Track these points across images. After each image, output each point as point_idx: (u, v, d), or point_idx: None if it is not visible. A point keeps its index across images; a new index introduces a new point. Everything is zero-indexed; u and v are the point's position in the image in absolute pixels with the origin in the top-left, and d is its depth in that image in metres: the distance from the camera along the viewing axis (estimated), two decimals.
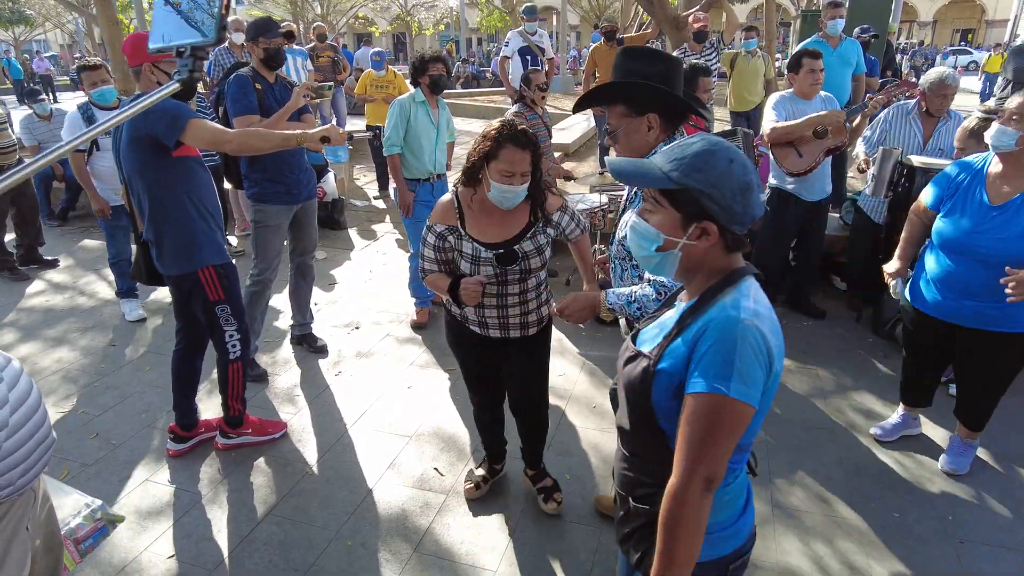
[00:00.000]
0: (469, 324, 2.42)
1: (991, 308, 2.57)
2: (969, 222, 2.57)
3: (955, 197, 2.65)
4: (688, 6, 7.85)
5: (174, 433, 3.11)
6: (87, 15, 12.41)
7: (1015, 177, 2.52)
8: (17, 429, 1.37)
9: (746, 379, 1.15)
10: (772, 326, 1.22)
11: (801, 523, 2.65)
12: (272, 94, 3.54)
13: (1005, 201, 2.51)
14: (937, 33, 38.76)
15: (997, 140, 2.51)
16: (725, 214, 1.20)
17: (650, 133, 1.87)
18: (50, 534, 1.78)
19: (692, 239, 1.23)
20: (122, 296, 4.71)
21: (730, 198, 1.20)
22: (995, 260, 2.49)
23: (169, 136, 2.54)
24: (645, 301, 1.83)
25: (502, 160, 2.10)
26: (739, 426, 1.18)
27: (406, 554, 2.51)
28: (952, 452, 2.98)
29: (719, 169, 1.20)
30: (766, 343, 1.18)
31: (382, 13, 37.68)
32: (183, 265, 2.80)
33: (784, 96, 3.99)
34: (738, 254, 1.28)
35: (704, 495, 1.19)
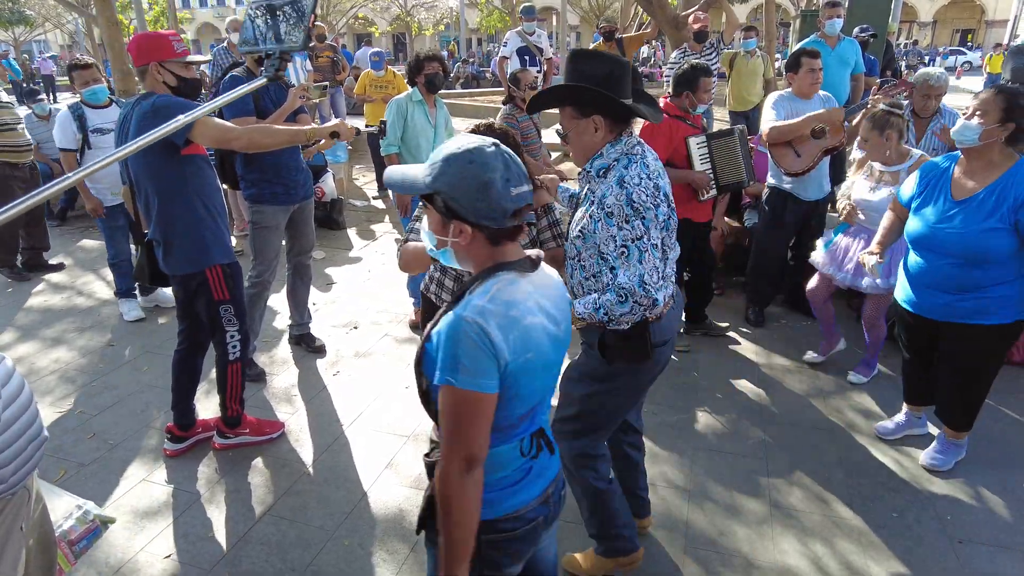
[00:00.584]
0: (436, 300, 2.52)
1: (961, 300, 2.61)
2: (933, 217, 2.62)
3: (923, 193, 2.70)
4: (687, 6, 7.85)
5: (171, 433, 3.10)
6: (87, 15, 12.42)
7: (979, 172, 2.56)
8: (8, 426, 1.37)
9: (471, 370, 1.24)
10: (503, 320, 1.28)
11: (800, 523, 2.64)
12: (267, 95, 3.50)
13: (967, 196, 2.54)
14: (937, 33, 38.79)
15: (960, 135, 2.54)
16: (472, 212, 1.29)
17: (596, 134, 1.91)
18: (44, 533, 1.78)
19: (454, 236, 1.33)
20: (121, 296, 4.69)
21: (472, 197, 1.28)
22: (957, 254, 2.55)
23: (178, 134, 2.54)
24: (609, 306, 1.84)
25: None
26: (478, 411, 1.27)
27: (403, 554, 2.50)
28: (935, 449, 2.99)
29: (458, 171, 1.28)
30: (488, 337, 1.25)
31: (382, 13, 37.71)
32: (191, 264, 2.79)
33: (783, 96, 3.98)
34: (509, 245, 1.36)
35: (464, 475, 1.27)
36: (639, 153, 1.91)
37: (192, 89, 2.76)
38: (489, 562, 1.41)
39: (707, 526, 2.63)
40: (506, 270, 1.34)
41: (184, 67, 2.71)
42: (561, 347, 1.46)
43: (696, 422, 3.32)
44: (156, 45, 2.67)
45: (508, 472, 1.42)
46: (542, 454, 1.48)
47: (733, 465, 2.99)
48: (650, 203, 1.84)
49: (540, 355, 1.36)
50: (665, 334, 2.02)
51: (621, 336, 1.93)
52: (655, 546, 2.52)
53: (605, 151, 1.92)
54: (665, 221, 1.90)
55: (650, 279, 1.82)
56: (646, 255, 1.82)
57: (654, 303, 1.83)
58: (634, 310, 1.83)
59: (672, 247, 1.98)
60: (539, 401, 1.43)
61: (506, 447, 1.40)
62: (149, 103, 2.58)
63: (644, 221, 1.82)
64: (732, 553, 2.50)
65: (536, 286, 1.39)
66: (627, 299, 1.82)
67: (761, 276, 4.33)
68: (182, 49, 2.70)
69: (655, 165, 1.93)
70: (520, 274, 1.36)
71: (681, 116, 3.70)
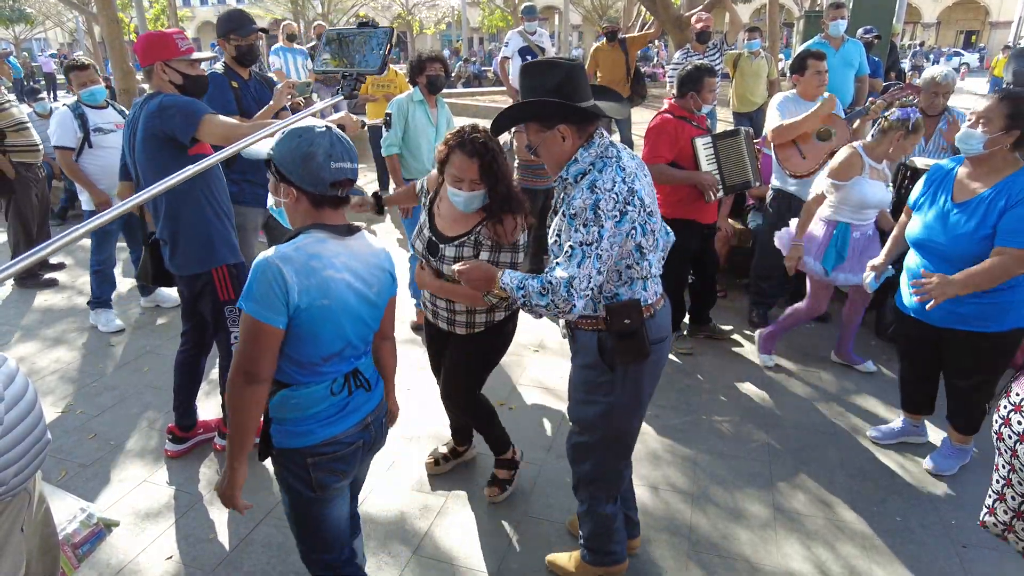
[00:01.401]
0: (425, 308, 2.63)
1: (962, 307, 2.58)
2: (931, 220, 2.62)
3: (927, 195, 2.70)
4: (691, 6, 7.84)
5: (173, 434, 3.09)
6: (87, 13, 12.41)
7: (982, 176, 2.55)
8: (11, 428, 1.36)
9: (260, 301, 1.52)
10: (302, 267, 1.55)
11: (803, 527, 2.63)
12: (248, 92, 3.46)
13: (967, 199, 2.53)
14: (941, 34, 38.73)
15: (964, 143, 2.52)
16: (296, 179, 1.60)
17: (566, 143, 1.87)
18: (47, 535, 1.77)
19: (284, 197, 1.64)
20: (96, 307, 4.48)
21: (295, 167, 1.59)
22: (954, 258, 2.53)
23: (184, 133, 2.53)
24: (531, 291, 1.81)
25: (451, 166, 2.28)
26: (260, 338, 1.54)
27: (405, 556, 2.49)
28: (940, 453, 2.98)
29: (288, 144, 1.59)
30: (283, 278, 1.52)
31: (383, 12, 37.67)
32: (198, 264, 2.79)
33: (788, 97, 3.97)
34: (329, 211, 1.66)
35: (244, 387, 1.56)
36: (614, 155, 1.88)
37: (198, 87, 2.75)
38: (318, 479, 1.71)
39: (710, 530, 2.62)
40: (319, 230, 1.62)
41: (189, 65, 2.69)
42: (372, 308, 1.74)
43: (699, 425, 3.31)
44: (160, 44, 2.65)
45: (322, 408, 1.68)
46: (357, 392, 1.76)
47: (736, 468, 2.98)
48: (615, 211, 1.78)
49: (341, 305, 1.62)
50: (660, 331, 2.02)
51: (618, 336, 1.92)
52: (658, 549, 2.52)
53: (579, 156, 1.88)
54: (640, 226, 1.85)
55: (579, 285, 1.76)
56: (587, 261, 1.77)
57: (571, 308, 1.78)
58: (549, 307, 1.79)
59: (652, 249, 1.93)
60: (347, 346, 1.68)
61: (317, 387, 1.67)
62: (155, 102, 2.57)
63: (601, 230, 1.77)
64: (735, 557, 2.49)
65: (350, 249, 1.66)
66: (548, 294, 1.78)
67: (765, 278, 4.32)
68: (187, 47, 2.68)
69: (632, 166, 1.89)
70: (332, 236, 1.63)
71: (686, 117, 3.67)
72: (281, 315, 1.53)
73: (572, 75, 1.85)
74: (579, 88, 1.86)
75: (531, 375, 3.82)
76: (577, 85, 1.86)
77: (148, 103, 2.61)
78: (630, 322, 1.90)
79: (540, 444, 3.16)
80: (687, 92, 3.65)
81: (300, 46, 8.32)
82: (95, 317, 4.49)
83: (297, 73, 7.86)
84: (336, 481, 1.76)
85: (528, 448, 3.11)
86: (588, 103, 1.87)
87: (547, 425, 3.33)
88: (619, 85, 6.94)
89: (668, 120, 3.65)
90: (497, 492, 2.78)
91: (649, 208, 1.89)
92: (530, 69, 1.90)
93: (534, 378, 3.78)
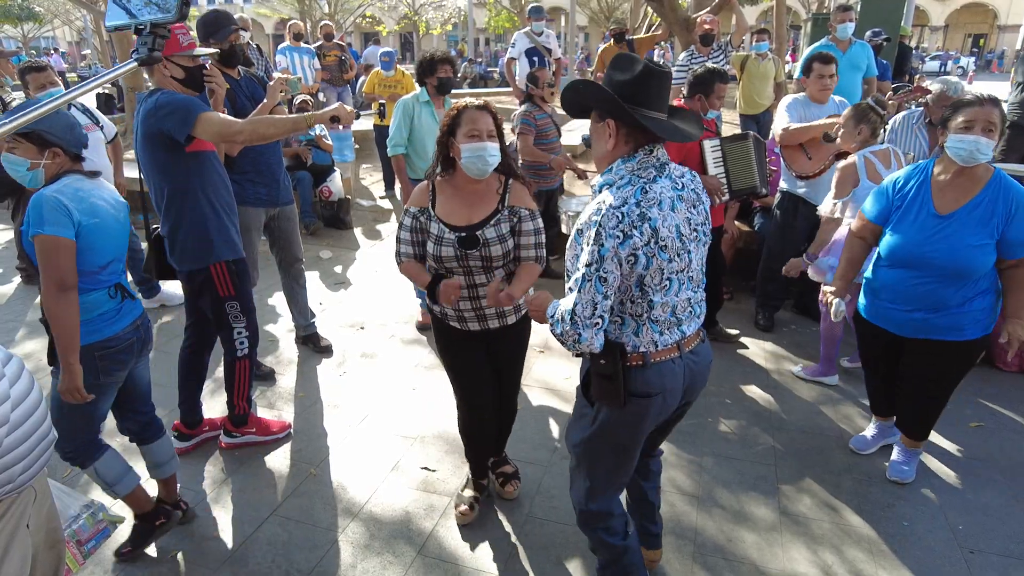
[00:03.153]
0: (449, 320, 2.45)
1: (938, 318, 2.55)
2: (919, 234, 2.51)
3: (902, 209, 2.58)
4: (698, 8, 7.81)
5: (178, 431, 3.10)
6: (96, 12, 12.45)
7: (961, 186, 2.47)
8: (18, 425, 1.37)
9: (51, 222, 2.01)
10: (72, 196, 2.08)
11: (809, 530, 2.62)
12: (241, 91, 3.44)
13: (953, 210, 2.46)
14: (949, 37, 38.59)
15: (977, 152, 2.36)
16: (63, 142, 2.14)
17: (609, 141, 1.78)
18: (52, 531, 1.78)
19: (48, 159, 2.12)
20: None
21: (64, 133, 2.14)
22: (947, 271, 2.47)
23: (180, 131, 2.54)
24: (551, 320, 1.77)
25: (465, 123, 2.25)
26: (60, 250, 2.03)
27: (409, 556, 2.49)
28: (899, 462, 2.94)
29: (56, 119, 2.13)
30: (63, 203, 2.04)
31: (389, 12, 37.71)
32: (196, 260, 2.79)
33: (797, 99, 3.97)
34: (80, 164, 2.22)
35: (60, 295, 2.03)
36: (648, 176, 1.73)
37: (200, 79, 2.75)
38: (104, 368, 2.23)
39: (716, 533, 2.61)
40: (76, 175, 2.17)
41: (191, 59, 2.70)
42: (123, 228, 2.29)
43: (705, 428, 3.30)
44: None
45: (105, 310, 2.22)
46: (126, 300, 2.30)
47: (742, 471, 2.97)
48: (618, 231, 1.64)
49: (107, 222, 2.17)
50: (650, 387, 1.79)
51: (599, 374, 1.79)
52: (664, 552, 2.50)
53: (615, 167, 1.77)
54: (646, 256, 1.67)
55: (581, 312, 1.67)
56: (587, 285, 1.66)
57: (578, 338, 1.69)
58: (560, 336, 1.73)
59: (658, 290, 1.74)
60: (113, 259, 2.24)
61: (99, 293, 2.20)
62: (152, 101, 2.59)
63: (601, 250, 1.64)
64: (741, 560, 2.48)
65: (100, 186, 2.24)
66: (558, 324, 1.73)
67: (771, 281, 4.31)
68: (188, 42, 2.69)
69: (657, 193, 1.70)
70: (86, 178, 2.20)
71: None
72: (70, 229, 2.03)
73: (647, 79, 1.71)
74: (650, 95, 1.72)
75: (536, 376, 3.81)
76: (649, 91, 1.72)
77: (147, 100, 2.62)
78: (605, 364, 1.75)
79: (546, 446, 3.15)
80: (695, 94, 3.64)
81: (307, 45, 8.33)
82: None
83: (304, 72, 7.87)
84: (118, 371, 2.29)
85: (533, 449, 3.10)
86: (649, 113, 1.72)
87: (553, 426, 3.33)
88: None
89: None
90: (518, 484, 2.80)
91: (664, 243, 1.69)
92: (618, 60, 1.80)
93: (539, 379, 3.77)
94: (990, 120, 2.36)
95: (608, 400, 1.80)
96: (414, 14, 34.80)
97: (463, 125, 2.25)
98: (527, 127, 4.53)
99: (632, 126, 1.74)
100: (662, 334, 1.78)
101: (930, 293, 2.52)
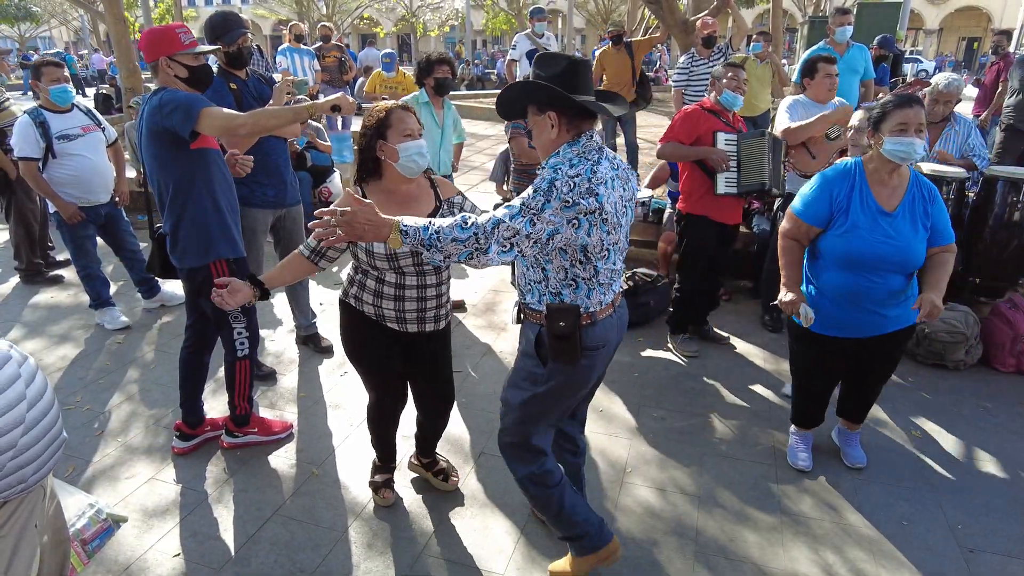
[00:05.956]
0: (386, 321, 2.42)
1: (891, 311, 2.62)
2: (871, 232, 2.53)
3: (845, 210, 2.58)
4: (696, 10, 7.85)
5: (180, 431, 3.10)
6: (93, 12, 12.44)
7: (895, 181, 2.57)
8: (33, 425, 1.37)
9: None
10: None
11: (810, 530, 2.63)
12: (248, 91, 3.44)
13: (895, 208, 2.54)
14: (943, 41, 38.77)
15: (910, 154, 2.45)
16: None
17: (552, 131, 1.93)
18: (57, 530, 1.78)
19: None
20: (98, 307, 4.45)
21: None
22: (899, 265, 2.54)
23: (184, 127, 2.55)
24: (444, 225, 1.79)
25: (396, 123, 2.24)
26: None
27: (413, 556, 2.50)
28: (851, 446, 3.04)
29: None
30: None
31: (387, 14, 37.75)
32: (196, 257, 2.80)
33: (799, 100, 3.99)
34: None
35: None
36: (594, 159, 1.90)
37: (203, 78, 2.76)
38: None
39: (717, 532, 2.62)
40: None
41: (194, 58, 2.71)
42: None
43: (705, 427, 3.32)
44: (164, 40, 2.67)
45: None
46: None
47: (743, 471, 2.98)
48: (568, 196, 1.79)
49: None
50: (598, 340, 2.02)
51: (554, 336, 1.96)
52: (664, 551, 2.52)
53: (562, 150, 1.92)
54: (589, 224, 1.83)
55: (503, 230, 1.78)
56: (520, 218, 1.79)
57: (487, 248, 1.78)
58: (468, 241, 1.77)
59: (601, 258, 1.93)
60: None
61: None
62: (156, 98, 2.60)
63: (546, 204, 1.79)
64: (742, 559, 2.49)
65: None
66: (470, 228, 1.78)
67: (777, 280, 4.31)
68: (190, 41, 2.70)
69: (606, 174, 1.89)
70: None
71: (717, 112, 3.78)
72: None
73: (575, 68, 1.90)
74: (579, 83, 1.90)
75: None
76: (577, 79, 1.90)
77: (152, 99, 2.63)
78: (564, 325, 1.94)
79: None
80: (712, 82, 3.86)
81: (306, 46, 8.33)
82: (100, 316, 4.49)
83: (304, 73, 7.88)
84: None
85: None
86: (584, 98, 1.89)
87: None
88: (625, 88, 6.95)
89: (696, 110, 3.80)
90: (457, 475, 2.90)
91: (606, 217, 1.86)
92: (540, 59, 1.97)
93: None
94: (920, 121, 2.45)
95: (565, 358, 1.99)
96: (412, 16, 34.84)
97: (394, 126, 2.24)
98: (517, 131, 4.53)
99: (572, 113, 1.90)
100: (605, 295, 2.02)
101: (887, 290, 2.58)
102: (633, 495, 2.83)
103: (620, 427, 3.33)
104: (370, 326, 2.45)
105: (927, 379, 3.76)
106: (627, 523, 2.67)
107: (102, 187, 4.29)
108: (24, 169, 4.10)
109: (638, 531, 2.63)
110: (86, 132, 4.21)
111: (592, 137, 1.95)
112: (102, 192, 4.30)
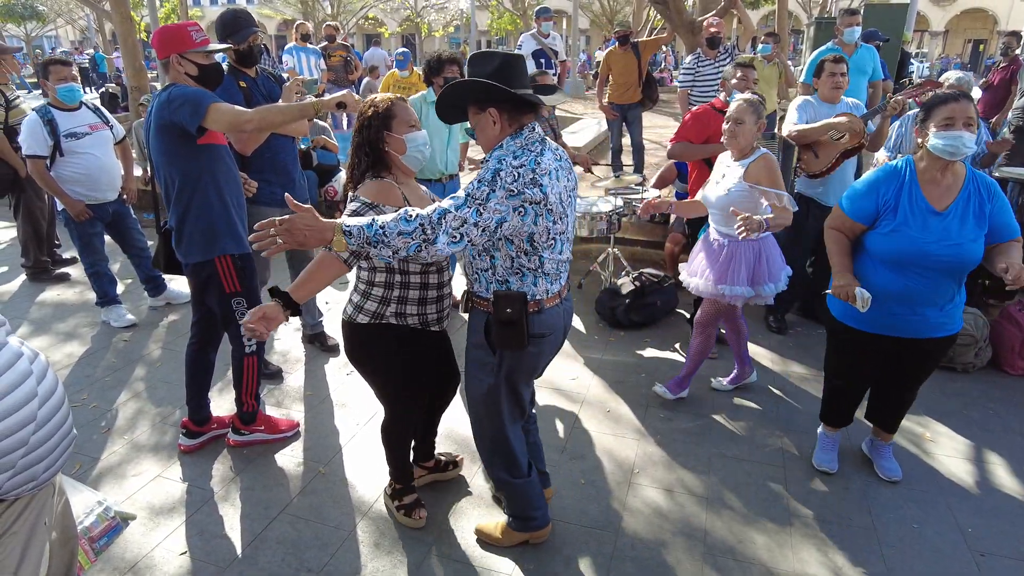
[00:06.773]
0: (430, 326, 2.36)
1: (935, 315, 2.57)
2: (919, 232, 2.47)
3: (893, 208, 2.54)
4: (703, 11, 7.83)
5: (186, 428, 3.10)
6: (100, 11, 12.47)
7: (945, 181, 2.49)
8: (44, 423, 1.36)
9: None
10: None
11: (819, 532, 2.62)
12: (257, 89, 3.44)
13: (948, 206, 2.47)
14: (948, 43, 38.66)
15: (968, 147, 2.38)
16: None
17: (495, 127, 1.97)
18: (66, 528, 1.77)
19: None
20: (105, 305, 4.47)
21: None
22: (950, 267, 2.47)
23: (192, 122, 2.55)
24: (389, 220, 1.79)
25: (401, 114, 2.22)
26: None
27: (420, 555, 2.49)
28: (886, 458, 2.99)
29: None
30: None
31: (392, 14, 37.78)
32: (200, 252, 2.79)
33: (808, 100, 3.98)
34: None
35: None
36: (537, 150, 1.94)
37: (213, 76, 2.76)
38: None
39: (726, 533, 2.61)
40: None
41: (205, 56, 2.72)
42: None
43: (713, 429, 3.30)
44: (175, 38, 2.68)
45: None
46: None
47: (751, 472, 2.97)
48: (512, 186, 1.84)
49: None
50: (544, 327, 2.09)
51: (500, 322, 2.02)
52: (673, 552, 2.51)
53: (505, 143, 1.95)
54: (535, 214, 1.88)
55: (450, 220, 1.79)
56: (466, 208, 1.81)
57: (435, 239, 1.78)
58: (415, 233, 1.77)
59: (546, 248, 1.99)
60: None
61: None
62: (165, 93, 2.62)
63: (491, 193, 1.83)
64: (751, 561, 2.47)
65: None
66: (415, 219, 1.78)
67: None
68: (201, 39, 2.71)
69: (550, 165, 1.94)
70: None
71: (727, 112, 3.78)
72: None
73: (509, 64, 1.95)
74: (514, 77, 1.94)
75: (542, 376, 3.80)
76: (513, 74, 1.94)
77: (161, 94, 2.64)
78: (511, 312, 1.99)
79: (554, 445, 3.15)
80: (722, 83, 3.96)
81: (312, 46, 8.34)
82: (106, 314, 4.50)
83: (311, 72, 7.89)
84: None
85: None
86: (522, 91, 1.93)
87: (559, 426, 3.33)
88: (631, 89, 6.94)
89: (707, 110, 3.87)
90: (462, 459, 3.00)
91: (551, 207, 1.92)
92: (473, 57, 2.01)
93: (545, 379, 3.77)
94: (968, 115, 2.39)
95: (511, 344, 2.05)
96: (416, 16, 34.87)
97: (398, 116, 2.21)
98: None
99: (512, 108, 1.95)
100: (552, 284, 2.07)
101: (935, 290, 2.52)
102: (641, 496, 2.82)
103: (627, 428, 3.31)
104: (415, 340, 2.35)
105: (936, 382, 3.73)
106: (635, 524, 2.66)
107: (109, 185, 4.30)
108: (32, 167, 4.11)
109: (646, 532, 2.61)
110: (94, 130, 4.22)
111: (534, 129, 1.99)
112: (109, 190, 4.31)
